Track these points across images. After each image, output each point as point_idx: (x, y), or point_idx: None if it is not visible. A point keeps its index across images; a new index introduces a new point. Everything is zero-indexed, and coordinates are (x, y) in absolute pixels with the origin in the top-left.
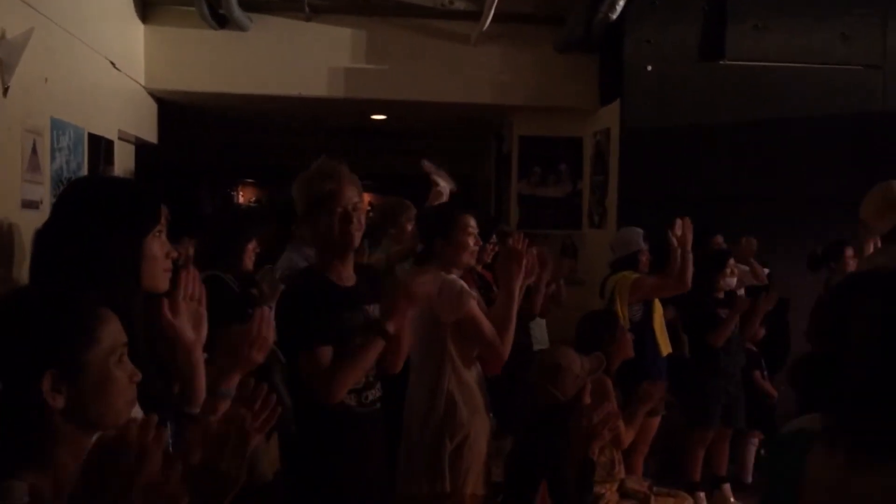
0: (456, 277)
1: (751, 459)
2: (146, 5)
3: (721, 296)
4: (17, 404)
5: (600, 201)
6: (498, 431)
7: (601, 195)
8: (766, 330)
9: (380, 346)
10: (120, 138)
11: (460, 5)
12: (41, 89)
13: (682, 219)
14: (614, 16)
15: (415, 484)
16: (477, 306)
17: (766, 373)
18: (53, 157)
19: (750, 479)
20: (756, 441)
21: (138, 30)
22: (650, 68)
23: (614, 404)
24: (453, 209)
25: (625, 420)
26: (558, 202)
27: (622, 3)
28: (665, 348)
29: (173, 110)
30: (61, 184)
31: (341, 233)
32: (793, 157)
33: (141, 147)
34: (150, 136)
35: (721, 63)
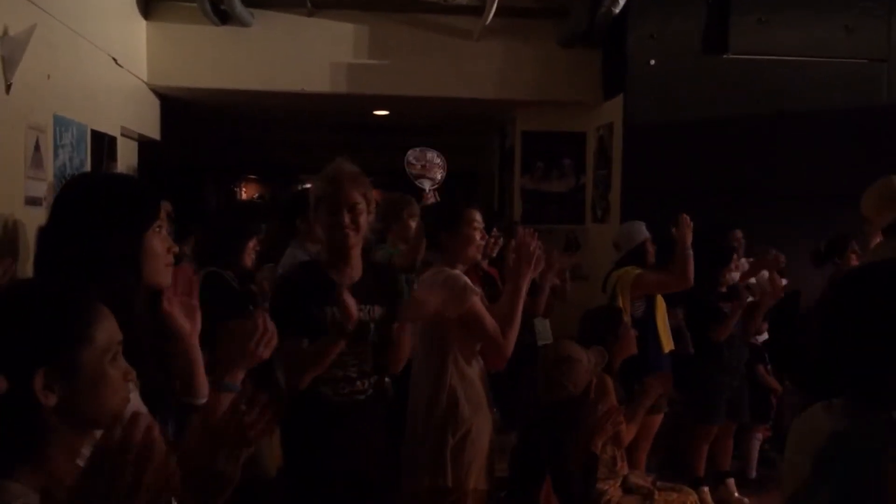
0: (460, 273)
1: (755, 454)
2: (148, 1)
3: (724, 290)
4: (10, 403)
5: (603, 196)
6: (502, 427)
7: (604, 190)
8: (768, 325)
9: (338, 344)
10: (123, 135)
11: (463, 0)
12: (44, 86)
13: (682, 216)
14: (617, 10)
15: (417, 478)
16: (480, 302)
17: (769, 367)
18: (56, 154)
19: (754, 474)
20: (760, 436)
21: (140, 26)
22: (653, 62)
23: (615, 400)
24: (458, 203)
25: (626, 417)
26: (561, 197)
27: None
28: (667, 345)
29: (176, 107)
30: (64, 180)
31: (334, 232)
32: (797, 151)
33: (144, 144)
34: (153, 132)
35: (725, 57)
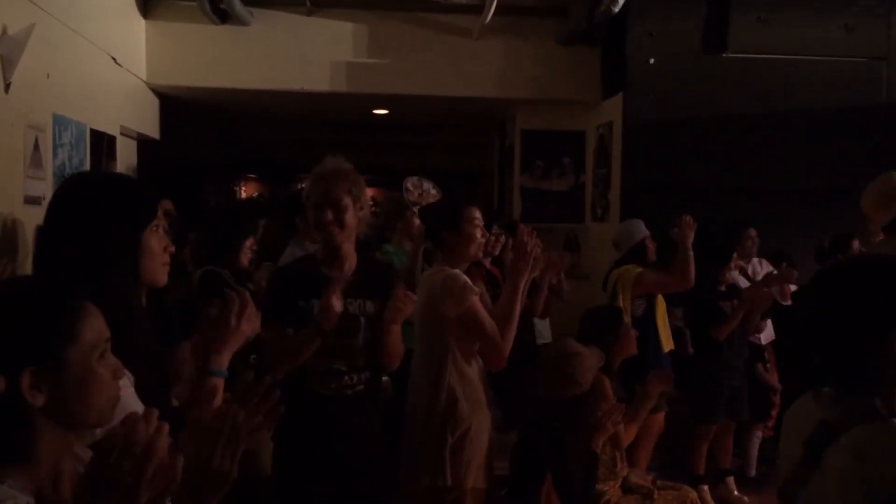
0: (459, 272)
1: (754, 453)
2: (147, 1)
3: (723, 289)
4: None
5: (603, 195)
6: (502, 425)
7: (604, 188)
8: (771, 324)
9: (314, 340)
10: (122, 134)
11: None
12: (43, 85)
13: (685, 217)
14: (617, 8)
15: (416, 477)
16: (479, 302)
17: (768, 365)
18: (56, 153)
19: (754, 473)
20: (759, 434)
21: (140, 25)
22: (653, 61)
23: (612, 400)
24: (458, 202)
25: (626, 417)
26: (561, 196)
27: None
28: (667, 344)
29: (175, 106)
30: (63, 179)
31: (319, 228)
32: (797, 149)
33: (143, 143)
34: (153, 131)
35: (724, 56)
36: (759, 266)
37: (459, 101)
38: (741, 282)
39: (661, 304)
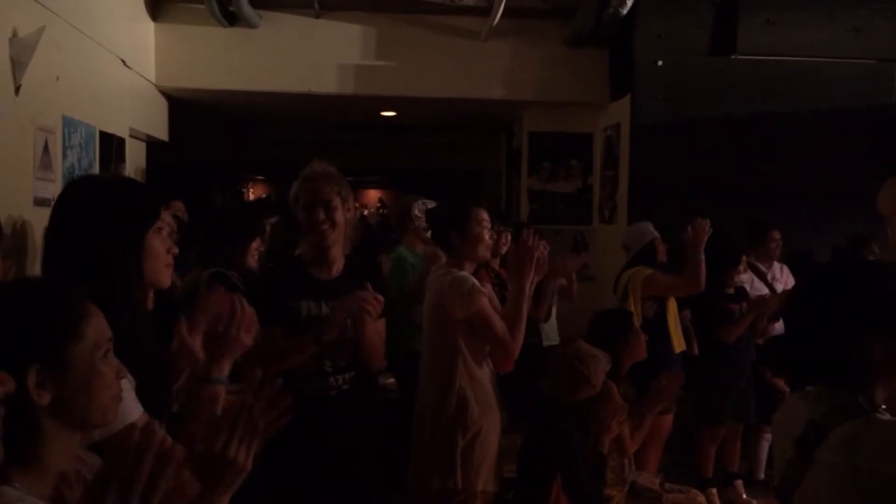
0: (467, 274)
1: (763, 456)
2: (156, 3)
3: (731, 291)
4: (4, 404)
5: (611, 196)
6: (508, 428)
7: (612, 190)
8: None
9: (309, 348)
10: (131, 136)
11: (470, 1)
12: (53, 87)
13: (699, 220)
14: (624, 10)
15: (426, 480)
16: (488, 303)
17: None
18: (65, 155)
19: (762, 476)
20: (768, 437)
21: (149, 28)
22: (661, 63)
23: (619, 400)
24: (465, 202)
25: (634, 420)
26: (569, 197)
27: None
28: (678, 345)
29: (184, 108)
30: None
31: (312, 230)
32: (805, 151)
33: (152, 145)
34: (161, 133)
35: (732, 57)
36: (779, 272)
37: (467, 103)
38: (758, 284)
39: (673, 304)
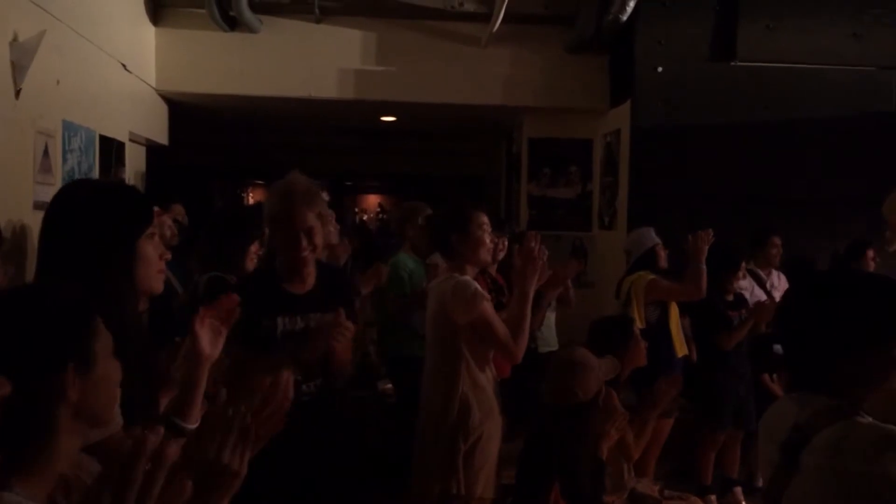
0: (469, 279)
1: None
2: (157, 7)
3: (730, 298)
4: (20, 406)
5: (610, 203)
6: (507, 434)
7: (611, 196)
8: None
9: (287, 366)
10: (131, 140)
11: (470, 7)
12: (53, 91)
13: (702, 230)
14: (625, 16)
15: (427, 484)
16: (490, 308)
17: (774, 375)
18: (65, 159)
19: (761, 483)
20: None
21: (149, 32)
22: (661, 69)
23: (619, 407)
24: (466, 206)
25: (635, 425)
26: (568, 203)
27: (632, 4)
28: (681, 350)
29: (184, 112)
30: None
31: (291, 254)
32: (805, 158)
33: (152, 149)
34: (161, 137)
35: (732, 64)
36: (777, 279)
37: (467, 109)
38: (757, 291)
39: (675, 309)
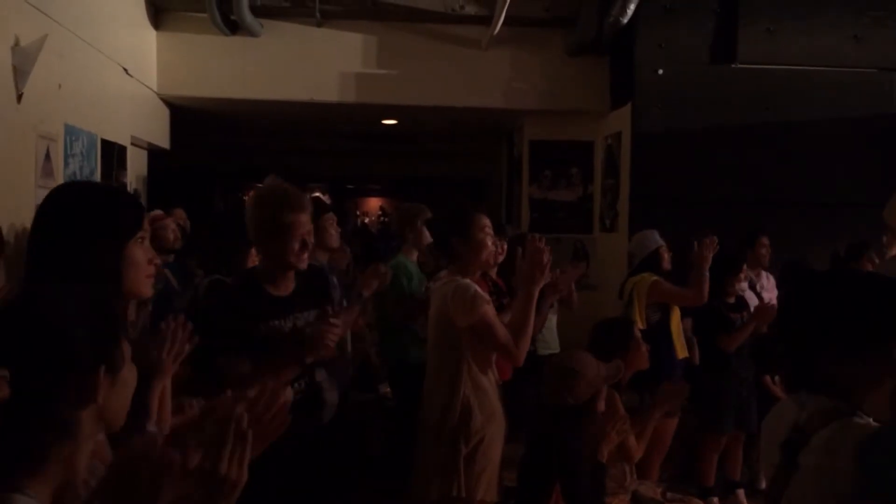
0: (470, 282)
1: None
2: (158, 12)
3: (732, 300)
4: (39, 408)
5: (612, 205)
6: (508, 436)
7: (612, 199)
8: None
9: (294, 370)
10: (132, 144)
11: (471, 10)
12: (55, 96)
13: (708, 238)
14: (625, 19)
15: (427, 487)
16: (492, 311)
17: (776, 378)
18: (67, 163)
19: (764, 485)
20: None
21: (151, 36)
22: (661, 71)
23: (622, 411)
24: (467, 209)
25: (636, 427)
26: (569, 206)
27: (633, 7)
28: (681, 352)
29: (185, 116)
30: None
31: (298, 258)
32: (806, 160)
33: (153, 153)
34: (163, 141)
35: (733, 66)
36: (765, 280)
37: (468, 112)
38: (748, 293)
39: (677, 311)
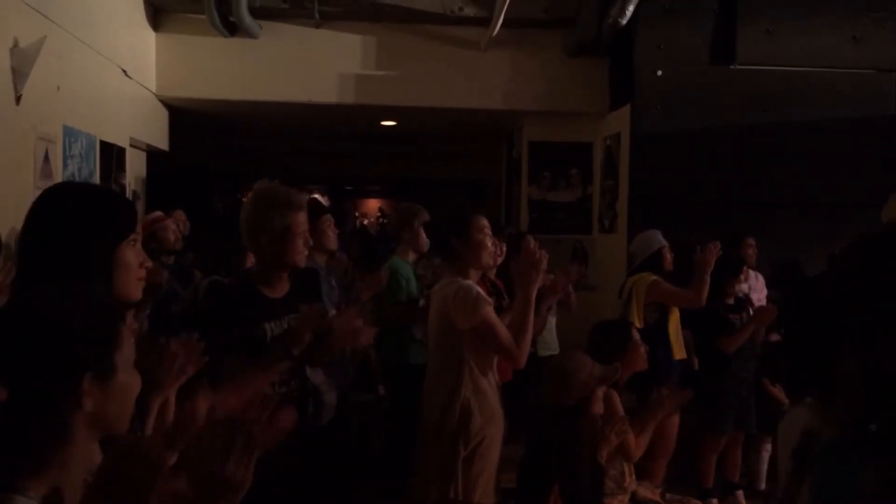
0: (472, 284)
1: (763, 467)
2: (157, 13)
3: (731, 301)
4: (39, 410)
5: (611, 206)
6: (508, 437)
7: (611, 200)
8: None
9: (283, 365)
10: (131, 145)
11: (470, 11)
12: (53, 97)
13: (711, 243)
14: (624, 20)
15: (426, 488)
16: (493, 312)
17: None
18: (66, 165)
19: (763, 486)
20: (768, 447)
21: (150, 38)
22: (661, 73)
23: (621, 412)
24: (466, 210)
25: (634, 429)
26: (569, 207)
27: (632, 8)
28: (679, 352)
29: (184, 117)
30: None
31: (300, 257)
32: (805, 161)
33: (152, 154)
34: (161, 143)
35: (732, 67)
36: (754, 280)
37: (467, 113)
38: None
39: (676, 312)
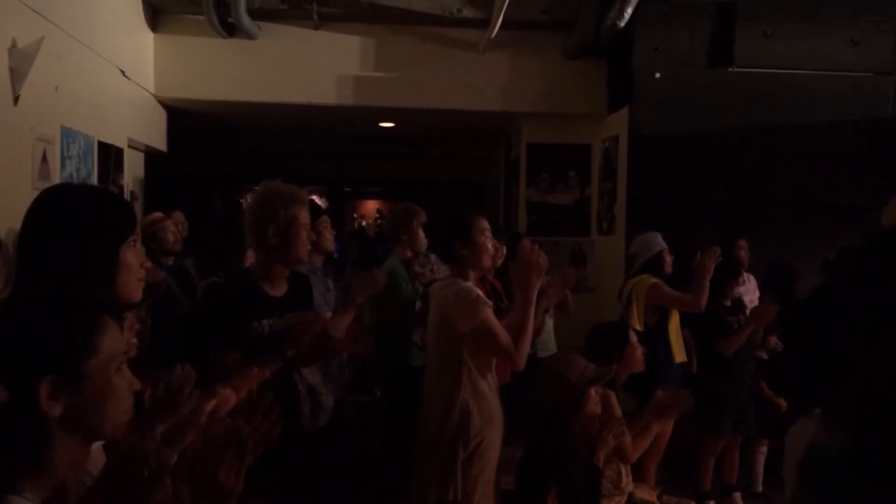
0: (472, 285)
1: (760, 469)
2: (156, 14)
3: (728, 303)
4: (15, 414)
5: (609, 208)
6: (506, 439)
7: (610, 202)
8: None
9: (276, 365)
10: (130, 146)
11: (468, 13)
12: (51, 98)
13: (711, 248)
14: (623, 22)
15: (425, 490)
16: (492, 314)
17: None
18: (64, 166)
19: (760, 488)
20: (765, 450)
21: (148, 38)
22: (659, 75)
23: (618, 413)
24: (467, 212)
25: (632, 431)
26: (567, 209)
27: (630, 10)
28: (679, 355)
29: (183, 118)
30: None
31: (305, 250)
32: (803, 163)
33: (150, 155)
34: (160, 144)
35: (730, 70)
36: (747, 281)
37: (465, 115)
38: None
39: (676, 315)
